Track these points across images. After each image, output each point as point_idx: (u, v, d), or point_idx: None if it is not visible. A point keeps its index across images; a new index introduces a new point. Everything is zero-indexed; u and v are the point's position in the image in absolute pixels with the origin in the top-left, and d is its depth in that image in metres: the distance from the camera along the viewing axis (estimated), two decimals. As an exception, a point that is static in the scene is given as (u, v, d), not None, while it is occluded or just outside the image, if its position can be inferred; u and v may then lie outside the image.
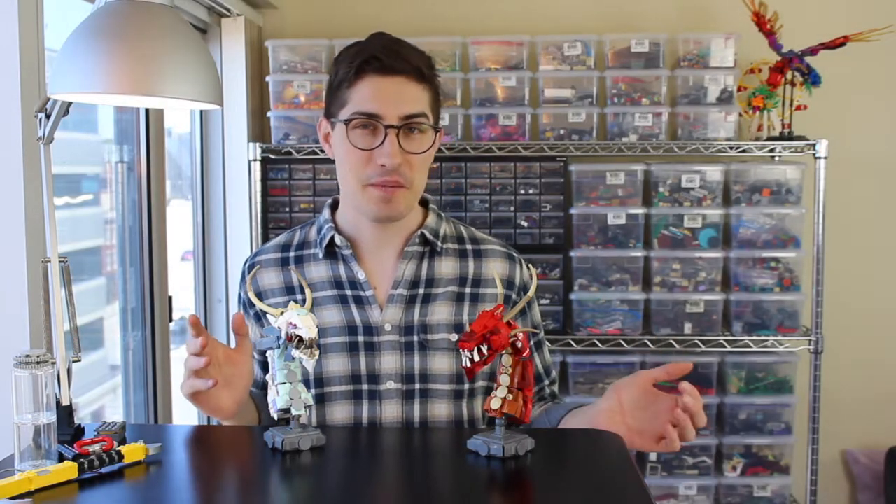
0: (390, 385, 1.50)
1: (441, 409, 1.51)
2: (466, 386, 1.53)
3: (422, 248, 1.57)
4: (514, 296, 1.60)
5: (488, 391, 1.58)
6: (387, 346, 1.51)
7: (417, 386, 1.51)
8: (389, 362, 1.51)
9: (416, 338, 1.51)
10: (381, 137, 1.47)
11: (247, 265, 1.63)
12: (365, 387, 1.51)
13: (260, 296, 1.56)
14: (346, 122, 1.48)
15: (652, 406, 1.41)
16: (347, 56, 1.51)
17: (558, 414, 1.53)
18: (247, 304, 1.60)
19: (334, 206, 1.63)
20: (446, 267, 1.57)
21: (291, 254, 1.60)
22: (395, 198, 1.49)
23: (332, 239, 1.56)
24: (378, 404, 1.50)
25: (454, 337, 1.52)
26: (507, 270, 1.60)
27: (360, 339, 1.51)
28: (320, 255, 1.57)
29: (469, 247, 1.61)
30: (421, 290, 1.55)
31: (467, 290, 1.56)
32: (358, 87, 1.49)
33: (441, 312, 1.53)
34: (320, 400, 1.51)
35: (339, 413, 1.50)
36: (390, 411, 1.50)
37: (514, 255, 1.64)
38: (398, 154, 1.46)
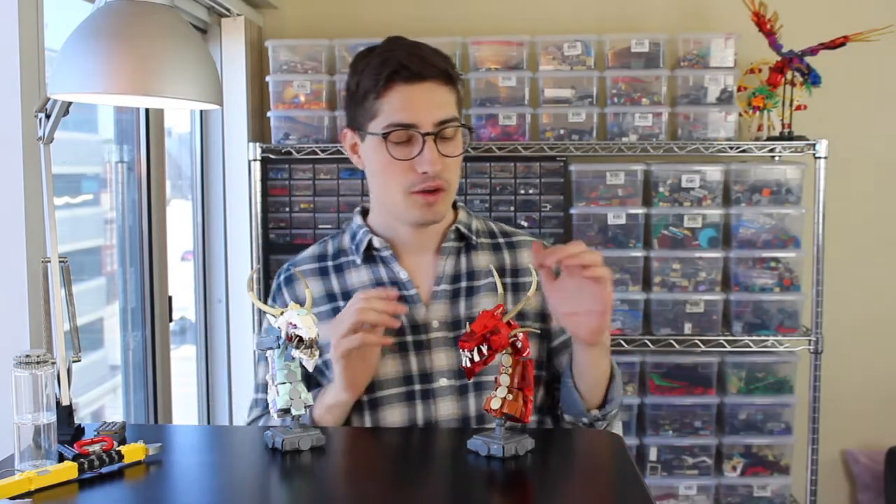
0: (443, 382, 1.49)
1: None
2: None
3: (458, 244, 1.58)
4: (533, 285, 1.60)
5: (538, 381, 1.56)
6: (436, 343, 1.51)
7: (471, 380, 1.50)
8: (441, 359, 1.50)
9: (464, 331, 1.51)
10: (418, 146, 1.47)
11: (282, 278, 1.61)
12: (418, 387, 1.50)
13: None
14: (384, 135, 1.48)
15: (572, 286, 1.38)
16: (370, 66, 1.50)
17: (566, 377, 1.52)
18: None
19: (364, 213, 1.63)
20: (484, 260, 1.58)
21: (330, 263, 1.59)
22: (436, 203, 1.50)
23: (369, 243, 1.56)
24: (432, 403, 1.49)
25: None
26: None
27: (409, 338, 1.51)
28: (359, 261, 1.57)
29: (501, 240, 1.63)
30: (463, 284, 1.55)
31: (507, 279, 1.57)
32: (388, 97, 1.48)
33: (486, 304, 1.53)
34: (373, 405, 1.49)
35: (393, 416, 1.49)
36: (445, 409, 1.49)
37: (545, 244, 1.64)
38: (438, 161, 1.47)
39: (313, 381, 1.55)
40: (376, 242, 1.56)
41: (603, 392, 1.50)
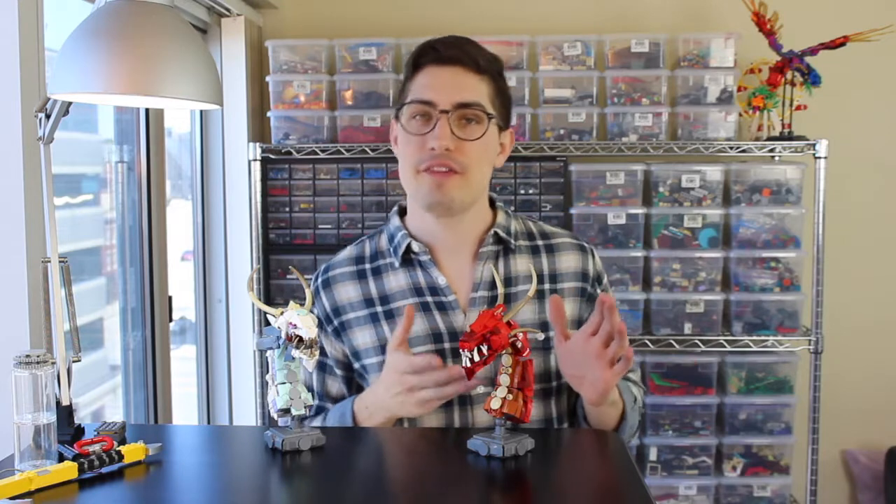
0: (480, 389, 1.46)
1: (531, 409, 1.50)
2: (554, 384, 1.53)
3: (496, 248, 1.56)
4: (588, 287, 1.58)
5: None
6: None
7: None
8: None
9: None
10: (433, 123, 1.48)
11: (320, 281, 1.60)
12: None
13: (338, 311, 1.56)
14: (401, 107, 1.51)
15: (580, 351, 1.36)
16: (413, 53, 1.54)
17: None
18: (323, 320, 1.57)
19: (402, 213, 1.61)
20: (522, 265, 1.56)
21: (367, 266, 1.58)
22: (446, 184, 1.48)
23: (408, 246, 1.55)
24: (469, 409, 1.49)
25: (541, 336, 1.49)
26: (580, 263, 1.58)
27: (447, 345, 1.50)
28: (397, 265, 1.55)
29: (540, 242, 1.60)
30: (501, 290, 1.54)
31: (546, 286, 1.56)
32: (417, 78, 1.51)
33: (525, 312, 1.52)
34: None
35: (431, 421, 1.48)
36: (481, 415, 1.48)
37: (585, 245, 1.63)
38: (447, 137, 1.46)
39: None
40: (415, 247, 1.54)
41: (613, 429, 1.51)
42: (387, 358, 1.42)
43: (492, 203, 1.61)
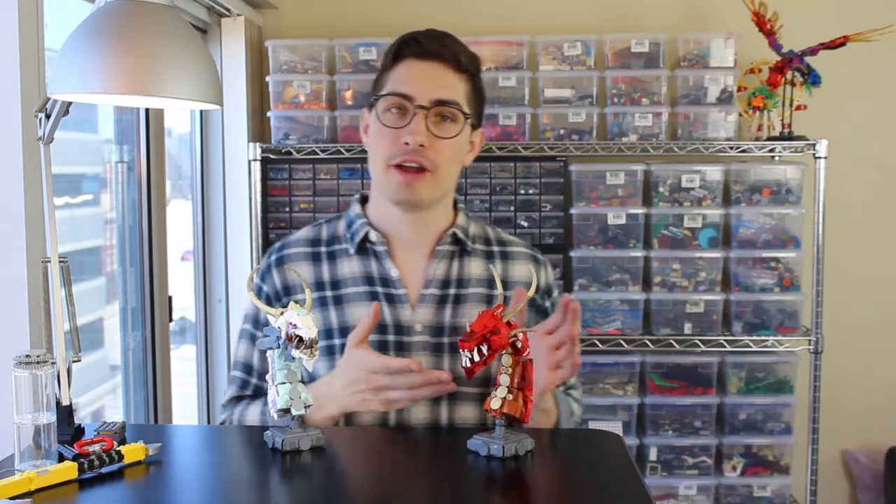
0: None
1: (468, 412, 1.49)
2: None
3: (453, 248, 1.57)
4: (538, 299, 1.60)
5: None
6: (417, 346, 1.49)
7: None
8: (420, 364, 1.50)
9: (446, 339, 1.50)
10: (409, 117, 1.48)
11: (273, 258, 1.58)
12: None
13: (288, 290, 1.54)
14: (377, 98, 1.50)
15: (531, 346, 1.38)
16: (392, 46, 1.53)
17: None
18: (272, 297, 1.56)
19: (363, 201, 1.61)
20: (475, 267, 1.57)
21: (323, 249, 1.58)
22: (416, 183, 1.48)
23: (365, 235, 1.55)
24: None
25: None
26: (531, 273, 1.58)
27: (391, 338, 1.50)
28: (352, 251, 1.55)
29: (496, 248, 1.61)
30: (452, 291, 1.54)
31: (496, 291, 1.55)
32: (396, 69, 1.51)
33: (472, 314, 1.50)
34: None
35: (367, 414, 1.47)
36: (418, 413, 1.48)
37: (540, 257, 1.64)
38: (422, 133, 1.46)
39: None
40: (373, 236, 1.54)
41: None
42: (348, 354, 1.40)
43: (454, 204, 1.61)
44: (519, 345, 1.26)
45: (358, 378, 1.38)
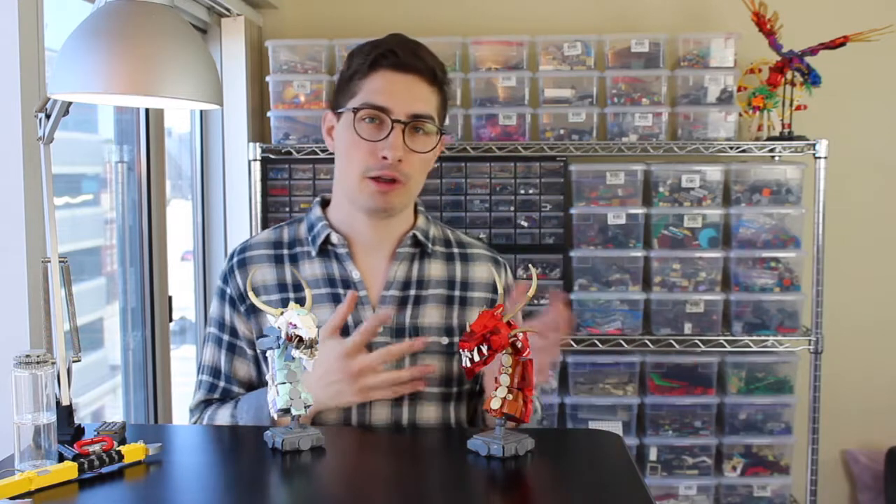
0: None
1: (430, 412, 1.51)
2: (455, 389, 1.54)
3: (413, 250, 1.58)
4: (499, 300, 1.59)
5: (474, 394, 1.59)
6: (377, 347, 1.48)
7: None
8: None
9: (407, 340, 1.50)
10: (386, 131, 1.48)
11: (235, 260, 1.58)
12: None
13: (253, 291, 1.55)
14: (355, 111, 1.49)
15: None
16: (363, 50, 1.52)
17: None
18: (237, 299, 1.55)
19: (324, 204, 1.62)
20: (435, 269, 1.58)
21: (285, 251, 1.58)
22: (390, 193, 1.50)
23: (326, 237, 1.56)
24: (368, 406, 1.48)
25: (445, 340, 1.52)
26: (491, 274, 1.60)
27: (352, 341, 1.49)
28: (313, 254, 1.56)
29: (456, 250, 1.62)
30: (412, 292, 1.55)
31: (456, 293, 1.57)
32: (371, 78, 1.50)
33: (432, 315, 1.53)
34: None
35: (329, 414, 1.46)
36: (379, 414, 1.48)
37: (500, 258, 1.65)
38: (401, 149, 1.47)
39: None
40: (334, 238, 1.55)
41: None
42: (320, 347, 1.37)
43: (415, 207, 1.63)
44: (519, 345, 1.26)
45: (331, 368, 1.39)
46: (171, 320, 2.63)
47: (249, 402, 1.49)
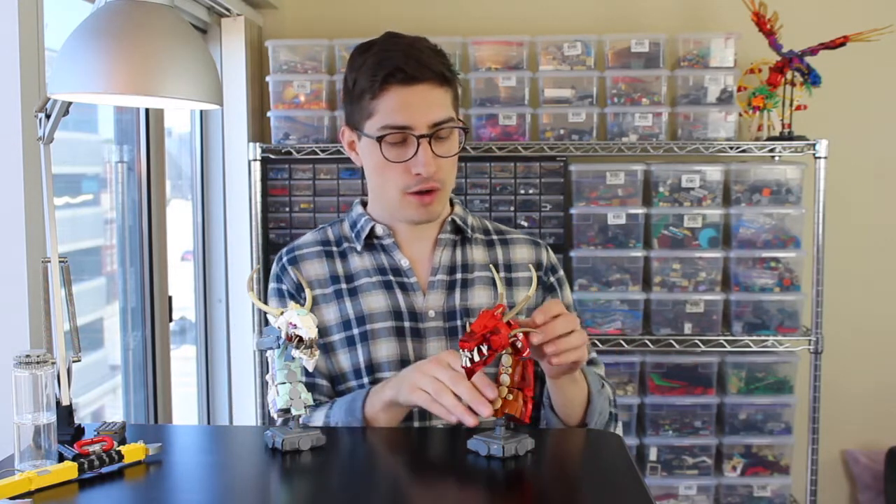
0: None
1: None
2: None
3: (454, 236, 1.61)
4: (543, 276, 1.63)
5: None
6: (432, 332, 1.53)
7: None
8: (435, 349, 1.52)
9: (459, 322, 1.54)
10: (413, 148, 1.49)
11: (286, 259, 1.61)
12: None
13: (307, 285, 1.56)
14: (379, 138, 1.49)
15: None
16: (367, 65, 1.50)
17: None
18: (295, 293, 1.57)
19: (363, 205, 1.66)
20: (478, 254, 1.61)
21: (334, 248, 1.61)
22: (433, 202, 1.53)
23: (371, 230, 1.58)
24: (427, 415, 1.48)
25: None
26: (533, 254, 1.63)
27: (407, 324, 1.53)
28: (360, 248, 1.59)
29: (495, 237, 1.66)
30: (459, 276, 1.58)
31: (501, 274, 1.60)
32: (383, 98, 1.49)
33: (481, 296, 1.56)
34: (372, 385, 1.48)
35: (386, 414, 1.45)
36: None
37: (539, 241, 1.68)
38: (432, 162, 1.49)
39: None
40: (379, 230, 1.58)
41: (580, 417, 1.48)
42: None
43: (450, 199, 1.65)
44: (519, 345, 1.26)
45: (432, 363, 1.35)
46: (171, 320, 2.63)
47: (340, 406, 1.49)
